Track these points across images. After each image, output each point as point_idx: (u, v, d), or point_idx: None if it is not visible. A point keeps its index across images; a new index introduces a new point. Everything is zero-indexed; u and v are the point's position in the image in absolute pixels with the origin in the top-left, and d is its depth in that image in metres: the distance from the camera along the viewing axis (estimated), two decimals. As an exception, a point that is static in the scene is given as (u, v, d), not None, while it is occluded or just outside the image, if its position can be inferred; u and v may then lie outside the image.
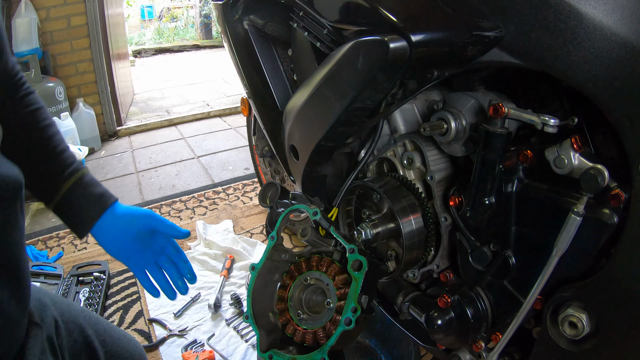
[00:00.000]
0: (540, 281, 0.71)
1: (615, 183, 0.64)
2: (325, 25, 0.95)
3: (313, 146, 1.00)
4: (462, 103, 0.83)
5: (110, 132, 3.45)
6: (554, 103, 0.76)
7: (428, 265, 0.98)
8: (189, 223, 2.14)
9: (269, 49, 1.35)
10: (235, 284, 1.68)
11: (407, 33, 0.70)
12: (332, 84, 0.88)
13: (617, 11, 0.61)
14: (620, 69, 0.59)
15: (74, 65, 3.15)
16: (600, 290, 0.65)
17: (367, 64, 0.76)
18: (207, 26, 8.74)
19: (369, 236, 0.95)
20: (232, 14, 1.35)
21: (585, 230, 0.66)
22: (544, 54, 0.67)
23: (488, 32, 0.72)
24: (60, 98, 2.94)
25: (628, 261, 0.61)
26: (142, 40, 8.67)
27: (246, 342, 1.41)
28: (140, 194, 2.54)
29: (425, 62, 0.77)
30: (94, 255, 1.92)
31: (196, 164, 2.93)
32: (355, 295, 0.70)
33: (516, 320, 0.76)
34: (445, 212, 0.91)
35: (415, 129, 1.02)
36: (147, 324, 1.51)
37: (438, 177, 0.93)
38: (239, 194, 2.43)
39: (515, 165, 0.77)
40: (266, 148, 1.70)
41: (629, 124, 0.59)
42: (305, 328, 0.78)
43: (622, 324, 0.64)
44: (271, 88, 1.33)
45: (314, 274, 0.81)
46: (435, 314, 0.88)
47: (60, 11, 2.98)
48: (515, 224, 0.80)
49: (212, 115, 3.95)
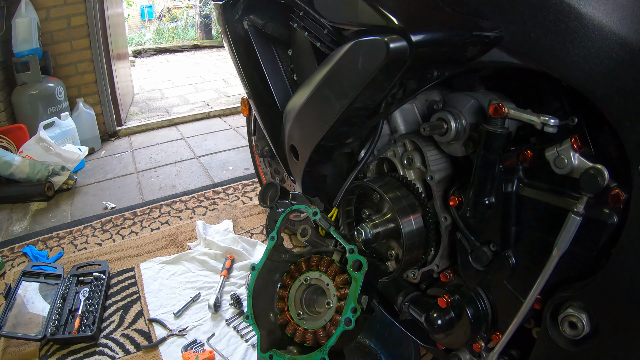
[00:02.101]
0: (540, 281, 0.71)
1: (615, 183, 0.64)
2: (325, 25, 0.95)
3: (313, 146, 1.00)
4: (462, 103, 0.83)
5: (110, 132, 3.46)
6: (554, 103, 0.76)
7: (428, 265, 0.98)
8: (189, 223, 2.14)
9: (269, 49, 1.35)
10: (235, 284, 1.68)
11: (407, 33, 0.70)
12: (332, 84, 0.88)
13: (617, 11, 0.61)
14: (620, 69, 0.59)
15: (74, 65, 3.16)
16: (600, 290, 0.65)
17: (367, 64, 0.76)
18: (207, 26, 8.74)
19: (369, 236, 0.95)
20: (232, 14, 1.35)
21: (585, 230, 0.66)
22: (544, 54, 0.67)
23: (488, 32, 0.72)
24: (60, 98, 2.94)
25: (628, 261, 0.61)
26: (142, 40, 8.67)
27: (246, 342, 1.41)
28: (140, 194, 2.54)
29: (425, 62, 0.77)
30: (94, 255, 1.92)
31: (196, 164, 2.93)
32: (355, 295, 0.70)
33: (516, 320, 0.76)
34: (445, 212, 0.91)
35: (415, 129, 1.02)
36: (147, 324, 1.51)
37: (438, 177, 0.93)
38: (239, 194, 2.43)
39: (515, 165, 0.77)
40: (266, 148, 1.70)
41: (629, 124, 0.59)
42: (306, 328, 0.78)
43: (622, 324, 0.64)
44: (271, 88, 1.33)
45: (314, 274, 0.81)
46: (435, 314, 0.88)
47: (60, 11, 2.99)
48: (515, 224, 0.80)
49: (212, 116, 3.95)
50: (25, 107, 2.82)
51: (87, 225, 2.17)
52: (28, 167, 2.42)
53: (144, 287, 1.69)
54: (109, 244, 2.01)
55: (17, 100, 2.81)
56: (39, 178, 2.44)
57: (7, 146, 2.59)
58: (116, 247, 1.97)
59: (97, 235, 2.08)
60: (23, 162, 2.43)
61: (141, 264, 1.82)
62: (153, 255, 1.89)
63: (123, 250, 1.94)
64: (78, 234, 2.10)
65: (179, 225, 2.14)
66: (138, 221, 2.19)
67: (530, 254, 0.78)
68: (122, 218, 2.23)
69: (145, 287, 1.69)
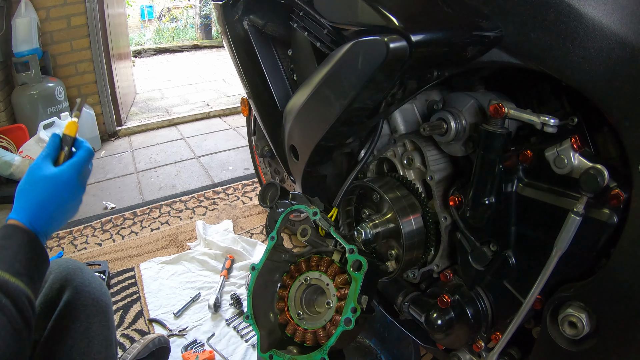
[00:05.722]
0: (540, 281, 0.71)
1: (615, 183, 0.64)
2: (325, 25, 0.95)
3: (313, 146, 1.00)
4: (462, 103, 0.83)
5: (110, 132, 3.46)
6: (554, 103, 0.76)
7: (428, 265, 0.98)
8: (189, 223, 2.14)
9: (269, 49, 1.34)
10: (235, 284, 1.68)
11: (407, 33, 0.70)
12: (332, 84, 0.88)
13: (617, 11, 0.61)
14: (620, 69, 0.59)
15: (74, 65, 3.16)
16: (600, 290, 0.65)
17: (367, 64, 0.76)
18: (207, 26, 8.74)
19: (369, 236, 0.95)
20: (232, 14, 1.35)
21: (585, 230, 0.66)
22: (544, 54, 0.67)
23: (488, 32, 0.72)
24: (60, 98, 2.94)
25: (628, 261, 0.61)
26: (142, 41, 8.68)
27: (246, 342, 1.41)
28: (140, 194, 2.54)
29: (425, 62, 0.77)
30: (94, 255, 1.92)
31: (196, 164, 2.93)
32: (355, 295, 0.70)
33: (516, 320, 0.76)
34: (445, 212, 0.91)
35: (415, 129, 1.02)
36: (147, 324, 1.51)
37: (438, 177, 0.93)
38: (239, 194, 2.43)
39: (515, 165, 0.77)
40: (266, 148, 1.70)
41: (629, 124, 0.59)
42: (306, 328, 0.78)
43: (622, 324, 0.64)
44: (271, 88, 1.33)
45: (314, 274, 0.81)
46: (435, 314, 0.88)
47: (60, 11, 2.99)
48: (515, 224, 0.80)
49: (212, 116, 3.95)
50: (25, 107, 2.82)
51: (87, 225, 2.17)
52: (28, 167, 2.42)
53: (143, 287, 1.69)
54: (109, 244, 2.01)
55: (17, 100, 2.81)
56: (39, 178, 2.44)
57: (7, 146, 2.59)
58: (116, 247, 1.97)
59: (97, 235, 2.08)
60: (23, 162, 2.43)
61: (141, 264, 1.82)
62: (153, 255, 1.89)
63: (123, 250, 1.94)
64: (78, 234, 2.10)
65: (179, 225, 2.14)
66: (138, 221, 2.19)
67: (530, 254, 0.78)
68: (122, 218, 2.23)
69: (145, 287, 1.69)
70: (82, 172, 0.77)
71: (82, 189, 0.77)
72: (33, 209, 0.70)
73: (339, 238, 0.76)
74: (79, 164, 0.76)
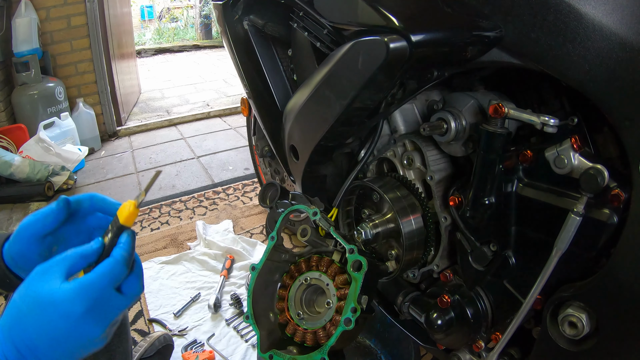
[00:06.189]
0: (540, 281, 0.71)
1: (615, 183, 0.64)
2: (325, 25, 0.95)
3: (313, 146, 1.00)
4: (462, 103, 0.83)
5: (110, 132, 3.46)
6: (554, 103, 0.76)
7: (428, 265, 0.98)
8: (189, 223, 2.14)
9: (269, 49, 1.35)
10: (235, 284, 1.68)
11: (407, 33, 0.70)
12: (332, 84, 0.88)
13: (617, 11, 0.61)
14: (620, 69, 0.59)
15: (74, 65, 3.16)
16: (600, 290, 0.65)
17: (367, 64, 0.76)
18: (207, 26, 8.74)
19: (369, 236, 0.95)
20: (232, 14, 1.35)
21: (585, 230, 0.66)
22: (544, 54, 0.67)
23: (488, 32, 0.72)
24: (60, 98, 2.94)
25: (628, 261, 0.61)
26: (142, 41, 8.67)
27: (246, 342, 1.41)
28: (140, 194, 2.54)
29: (425, 62, 0.77)
30: (94, 255, 1.92)
31: (196, 164, 2.93)
32: (355, 295, 0.70)
33: (516, 320, 0.76)
34: (445, 212, 0.91)
35: (415, 129, 1.02)
36: (147, 324, 1.51)
37: (438, 177, 0.93)
38: (239, 194, 2.43)
39: (515, 165, 0.77)
40: (266, 148, 1.70)
41: (629, 124, 0.59)
42: (306, 328, 0.78)
43: (622, 324, 0.64)
44: (271, 88, 1.33)
45: (314, 274, 0.81)
46: (435, 314, 0.88)
47: (60, 11, 2.99)
48: (515, 224, 0.80)
49: (212, 116, 3.95)
50: (25, 107, 2.82)
51: (87, 225, 2.17)
52: (28, 167, 2.42)
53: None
54: (109, 244, 2.01)
55: (17, 100, 2.81)
56: (38, 178, 2.44)
57: (7, 146, 2.59)
58: (116, 247, 1.97)
59: (97, 235, 2.08)
60: (23, 162, 2.43)
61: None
62: (153, 256, 1.89)
63: (123, 250, 1.94)
64: (78, 234, 2.09)
65: (178, 225, 2.14)
66: (138, 221, 2.19)
67: (530, 254, 0.78)
68: (122, 218, 2.22)
69: (145, 287, 1.68)
70: (105, 299, 0.47)
71: (99, 329, 0.46)
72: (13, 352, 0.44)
73: (339, 238, 0.76)
74: (101, 284, 0.46)
